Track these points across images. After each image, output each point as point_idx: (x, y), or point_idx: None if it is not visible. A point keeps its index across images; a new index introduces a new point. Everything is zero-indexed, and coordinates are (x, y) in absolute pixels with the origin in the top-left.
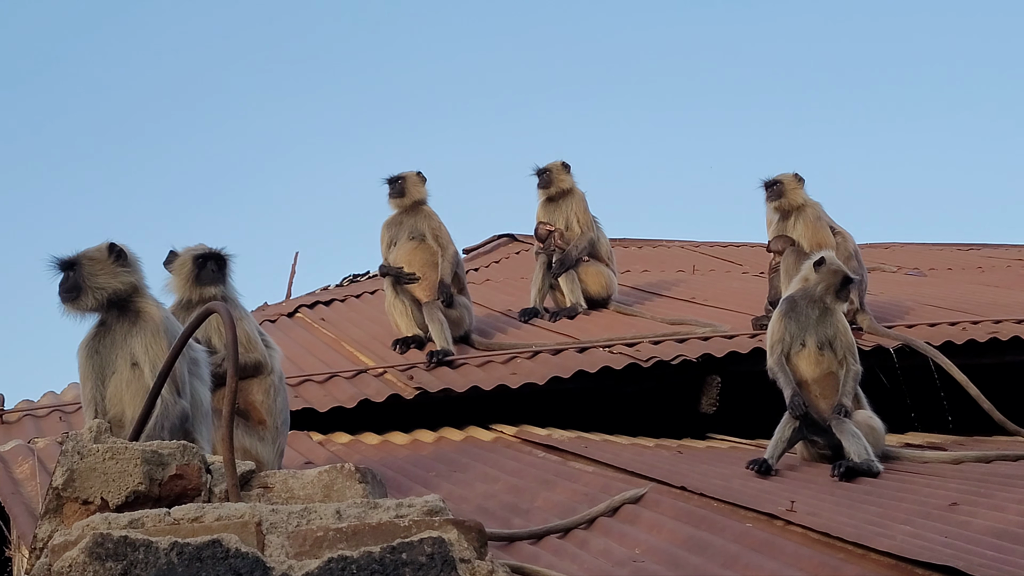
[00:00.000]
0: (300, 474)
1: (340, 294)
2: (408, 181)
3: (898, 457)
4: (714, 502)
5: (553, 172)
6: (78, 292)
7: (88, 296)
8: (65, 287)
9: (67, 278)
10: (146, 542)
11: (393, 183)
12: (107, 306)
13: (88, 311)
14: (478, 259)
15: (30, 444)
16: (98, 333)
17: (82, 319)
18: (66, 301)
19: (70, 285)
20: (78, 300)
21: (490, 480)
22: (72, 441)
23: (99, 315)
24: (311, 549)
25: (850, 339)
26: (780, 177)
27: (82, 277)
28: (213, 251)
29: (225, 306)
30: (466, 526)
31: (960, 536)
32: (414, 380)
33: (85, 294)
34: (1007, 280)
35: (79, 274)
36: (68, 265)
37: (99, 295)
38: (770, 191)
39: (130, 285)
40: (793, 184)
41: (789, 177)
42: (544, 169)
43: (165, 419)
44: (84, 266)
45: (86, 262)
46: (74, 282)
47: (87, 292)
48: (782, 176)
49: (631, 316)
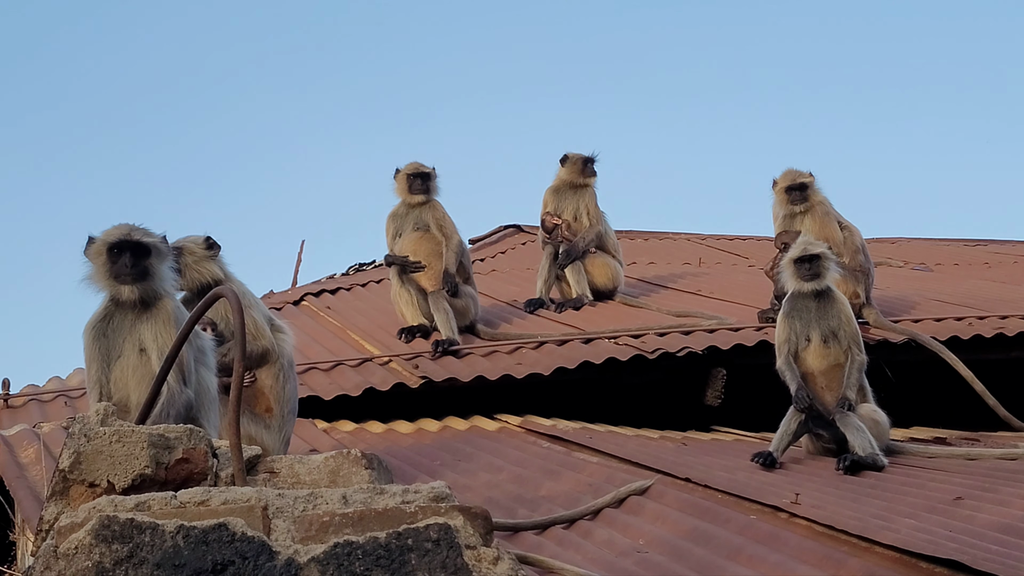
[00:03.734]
0: (306, 459)
1: (346, 283)
2: (434, 180)
3: (903, 451)
4: (718, 494)
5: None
6: (148, 276)
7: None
8: (136, 271)
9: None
10: (152, 525)
11: (422, 179)
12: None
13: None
14: (484, 250)
15: (35, 429)
16: (107, 316)
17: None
18: (135, 281)
19: (140, 270)
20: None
21: (495, 470)
22: (79, 424)
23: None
24: (317, 534)
25: (854, 328)
26: (806, 181)
27: (185, 264)
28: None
29: (232, 290)
30: (472, 513)
31: (964, 530)
32: (419, 369)
33: (183, 277)
34: (1014, 276)
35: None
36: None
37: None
38: (795, 195)
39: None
40: (814, 185)
41: (811, 179)
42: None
43: (171, 407)
44: (185, 255)
45: (187, 251)
46: (143, 269)
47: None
48: (807, 180)
49: (637, 308)
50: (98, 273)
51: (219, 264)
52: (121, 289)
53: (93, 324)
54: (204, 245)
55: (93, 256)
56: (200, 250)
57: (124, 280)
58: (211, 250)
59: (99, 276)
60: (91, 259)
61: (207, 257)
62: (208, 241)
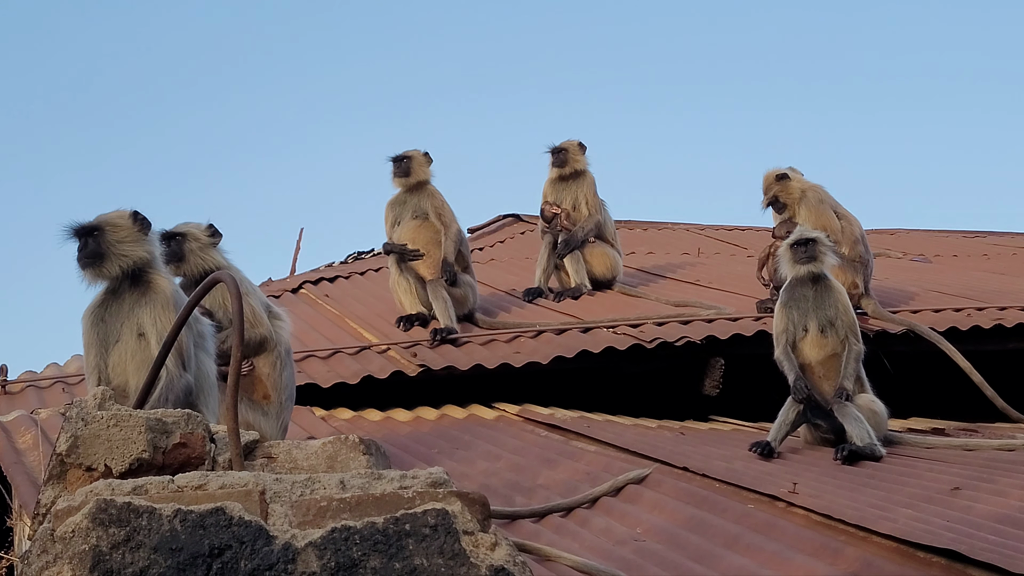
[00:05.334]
0: (304, 445)
1: (344, 271)
2: (414, 160)
3: (901, 442)
4: (716, 483)
5: (569, 152)
6: (100, 259)
7: (112, 263)
8: (86, 253)
9: (86, 244)
10: (150, 509)
11: (398, 162)
12: (125, 275)
13: (109, 278)
14: (483, 239)
15: (33, 415)
16: (105, 301)
17: (97, 286)
18: (86, 267)
19: (91, 251)
20: (100, 267)
21: (492, 458)
22: (77, 408)
23: (110, 283)
24: (314, 519)
25: (851, 318)
26: (772, 174)
27: (105, 243)
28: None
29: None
30: (470, 498)
31: (962, 520)
32: (417, 357)
33: (109, 261)
34: (1013, 267)
35: (101, 240)
36: (89, 231)
37: (123, 263)
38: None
39: (151, 254)
40: (785, 182)
41: (775, 175)
42: (560, 148)
43: (169, 391)
44: (107, 232)
45: (109, 228)
46: (94, 248)
47: (110, 259)
48: (772, 173)
49: (635, 298)
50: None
51: (219, 252)
52: (84, 274)
53: (91, 309)
54: (208, 232)
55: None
56: (204, 236)
57: (83, 265)
58: (214, 237)
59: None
60: None
61: (210, 244)
62: (211, 228)
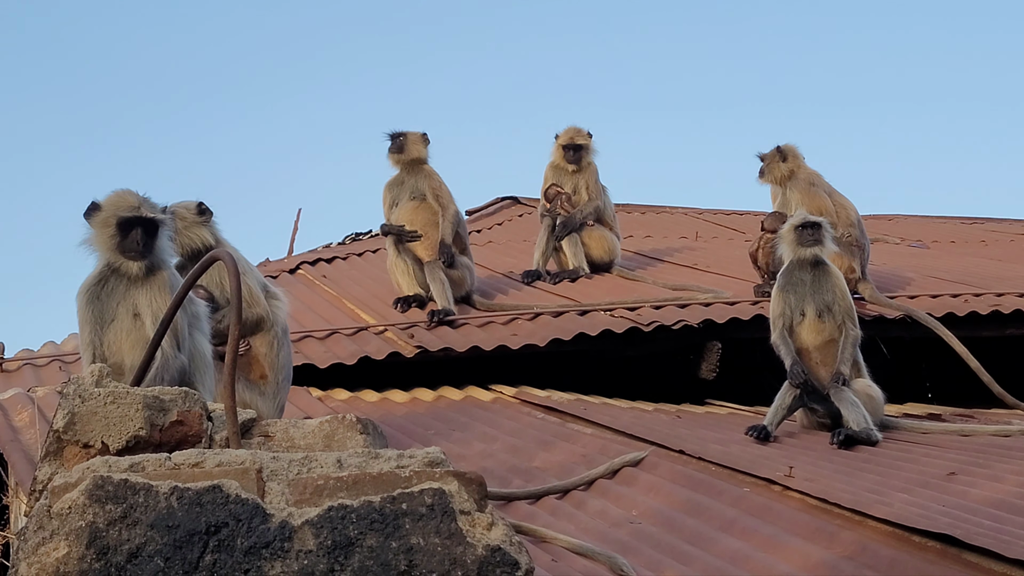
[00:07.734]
0: (301, 423)
1: (342, 252)
2: (409, 139)
3: (897, 427)
4: (712, 466)
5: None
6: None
7: (177, 246)
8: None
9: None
10: (146, 486)
11: (394, 139)
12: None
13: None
14: (481, 221)
15: (29, 393)
16: (101, 279)
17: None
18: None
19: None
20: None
21: (489, 440)
22: (73, 384)
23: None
24: (311, 497)
25: (848, 303)
26: (769, 153)
27: (176, 230)
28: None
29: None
30: (467, 478)
31: (957, 505)
32: (414, 339)
33: (174, 243)
34: (1010, 254)
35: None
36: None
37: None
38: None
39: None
40: (774, 160)
41: (771, 154)
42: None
43: (165, 371)
44: (176, 220)
45: (178, 216)
46: (163, 242)
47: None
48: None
49: (633, 281)
50: (104, 244)
51: (211, 230)
52: (130, 265)
53: (87, 287)
54: (196, 211)
55: (99, 226)
56: (191, 215)
57: (133, 256)
58: (203, 216)
59: (105, 247)
60: (96, 228)
61: (198, 223)
62: (200, 207)
